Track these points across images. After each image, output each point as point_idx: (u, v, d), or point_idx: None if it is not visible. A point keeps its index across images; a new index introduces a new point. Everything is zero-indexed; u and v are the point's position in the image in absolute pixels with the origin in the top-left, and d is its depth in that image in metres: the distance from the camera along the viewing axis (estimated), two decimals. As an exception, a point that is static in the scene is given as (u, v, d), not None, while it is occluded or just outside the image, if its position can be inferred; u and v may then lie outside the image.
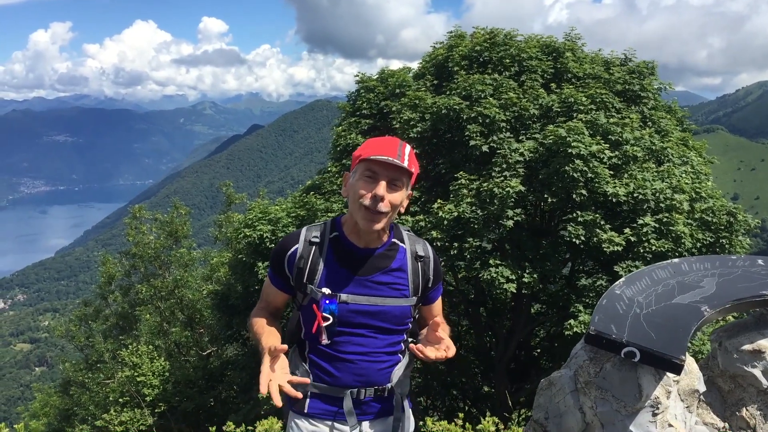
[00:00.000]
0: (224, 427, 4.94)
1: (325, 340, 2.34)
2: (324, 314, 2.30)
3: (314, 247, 2.38)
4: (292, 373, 2.44)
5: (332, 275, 2.35)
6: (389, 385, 2.43)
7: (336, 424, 2.40)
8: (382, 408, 2.45)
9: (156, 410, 14.92)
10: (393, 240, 2.45)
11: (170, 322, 18.92)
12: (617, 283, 2.55)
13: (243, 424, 5.08)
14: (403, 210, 2.38)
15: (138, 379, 15.38)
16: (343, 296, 2.32)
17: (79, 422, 17.48)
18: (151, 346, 17.25)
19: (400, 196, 2.30)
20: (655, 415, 2.18)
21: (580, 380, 2.31)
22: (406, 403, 2.50)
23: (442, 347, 2.25)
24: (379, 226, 2.28)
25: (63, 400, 20.06)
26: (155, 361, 16.12)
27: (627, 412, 2.20)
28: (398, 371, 2.47)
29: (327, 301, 2.30)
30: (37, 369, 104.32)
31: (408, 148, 2.33)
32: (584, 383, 2.29)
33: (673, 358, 2.10)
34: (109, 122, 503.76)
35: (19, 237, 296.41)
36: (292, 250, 2.39)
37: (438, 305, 2.60)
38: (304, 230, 2.44)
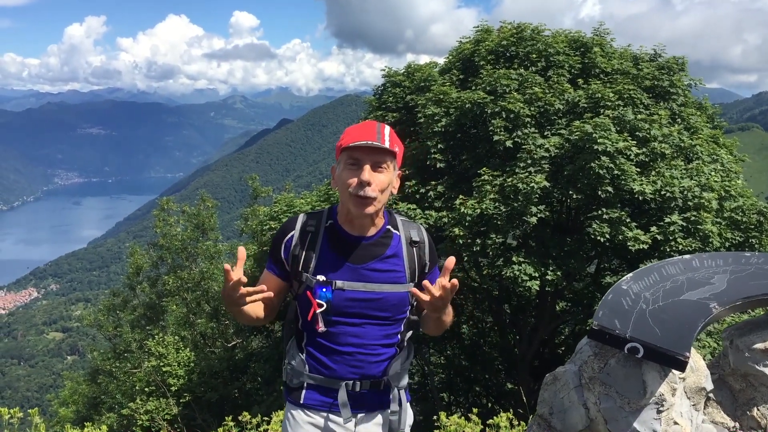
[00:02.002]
0: (240, 417, 5.00)
1: (321, 328, 2.34)
2: (318, 301, 2.30)
3: (309, 234, 2.39)
4: (289, 363, 2.47)
5: (327, 263, 2.35)
6: (385, 378, 2.42)
7: (331, 416, 2.40)
8: (378, 401, 2.44)
9: (181, 400, 15.11)
10: (387, 227, 2.44)
11: (196, 314, 19.13)
12: (624, 278, 2.52)
13: (259, 415, 5.13)
14: (395, 192, 2.37)
15: (164, 369, 15.59)
16: (339, 283, 2.32)
17: (106, 410, 17.77)
18: (177, 337, 17.48)
19: (387, 178, 2.28)
20: (659, 412, 2.15)
21: (585, 376, 2.29)
22: (403, 397, 2.48)
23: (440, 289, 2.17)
24: (371, 209, 2.26)
25: (91, 388, 20.38)
26: (181, 351, 16.33)
27: (631, 409, 2.17)
28: (395, 364, 2.45)
29: (323, 289, 2.31)
30: (69, 357, 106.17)
31: (388, 128, 2.32)
32: (588, 379, 2.27)
33: (677, 354, 2.07)
34: (142, 115, 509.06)
35: (53, 227, 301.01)
36: (289, 236, 2.40)
37: None
38: (301, 217, 2.45)
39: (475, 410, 4.92)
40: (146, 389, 15.46)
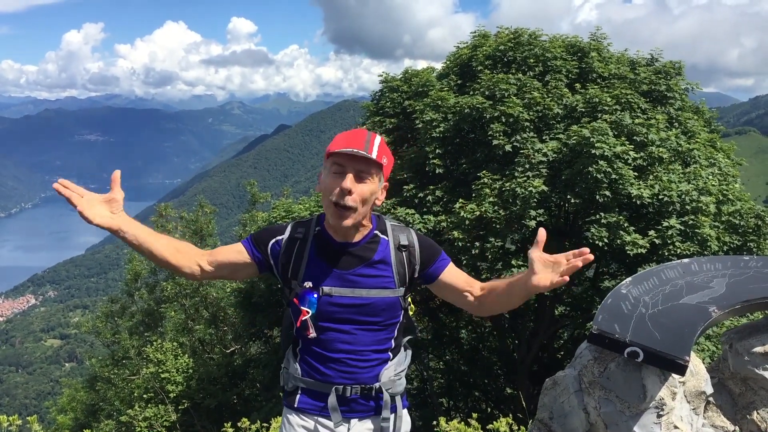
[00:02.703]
0: (239, 424, 4.98)
1: (312, 334, 2.35)
2: (305, 309, 2.31)
3: (297, 242, 2.38)
4: (284, 368, 2.49)
5: (315, 270, 2.35)
6: (377, 385, 2.41)
7: (321, 419, 2.40)
8: (371, 406, 2.43)
9: (179, 407, 15.08)
10: (375, 232, 2.41)
11: (194, 320, 19.10)
12: (624, 282, 2.52)
13: (258, 421, 5.12)
14: (378, 203, 2.34)
15: (162, 376, 15.56)
16: (326, 289, 2.32)
17: (104, 417, 17.73)
18: (175, 343, 17.45)
19: (370, 188, 2.25)
20: (659, 416, 2.15)
21: (585, 380, 2.29)
22: (399, 403, 2.46)
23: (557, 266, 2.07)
24: (348, 222, 2.25)
25: (89, 395, 20.34)
26: (179, 358, 16.30)
27: (631, 413, 2.17)
28: (388, 371, 2.44)
29: (310, 295, 2.31)
30: (66, 364, 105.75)
31: (378, 139, 2.30)
32: (588, 383, 2.27)
33: (676, 358, 2.07)
34: (140, 122, 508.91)
35: (51, 234, 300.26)
36: (277, 239, 2.40)
37: (453, 273, 2.46)
38: (291, 225, 2.44)
39: (474, 415, 4.91)
40: (145, 396, 15.44)
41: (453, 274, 2.47)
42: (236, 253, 2.42)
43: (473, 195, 10.66)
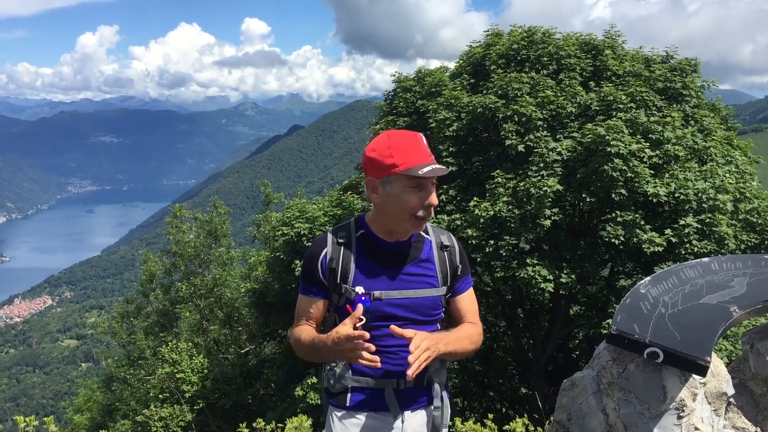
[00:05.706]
0: (255, 424, 4.98)
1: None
2: (359, 316, 2.31)
3: (342, 247, 2.43)
4: (330, 368, 2.49)
5: (364, 272, 2.40)
6: (427, 375, 2.46)
7: (379, 416, 2.43)
8: (421, 397, 2.49)
9: (195, 407, 15.14)
10: (419, 231, 2.50)
11: (209, 320, 19.18)
12: (642, 281, 2.49)
13: (273, 422, 5.12)
14: None
15: (177, 376, 15.63)
16: (376, 293, 2.37)
17: (120, 417, 17.83)
18: (190, 344, 17.51)
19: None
20: (680, 417, 2.12)
21: (603, 381, 2.26)
22: (444, 393, 2.51)
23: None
24: (424, 226, 2.41)
25: (105, 395, 20.48)
26: (194, 358, 16.36)
27: (651, 414, 2.14)
28: (435, 362, 2.46)
29: (362, 298, 2.34)
30: (83, 365, 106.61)
31: (425, 140, 2.40)
32: (607, 384, 2.24)
33: (697, 359, 2.04)
34: (154, 123, 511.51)
35: (67, 235, 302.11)
36: (323, 253, 2.43)
37: (467, 298, 2.59)
38: (329, 233, 2.49)
39: (490, 416, 4.89)
40: (160, 396, 15.52)
41: (469, 299, 2.60)
42: (312, 303, 2.47)
43: (487, 194, 10.62)
